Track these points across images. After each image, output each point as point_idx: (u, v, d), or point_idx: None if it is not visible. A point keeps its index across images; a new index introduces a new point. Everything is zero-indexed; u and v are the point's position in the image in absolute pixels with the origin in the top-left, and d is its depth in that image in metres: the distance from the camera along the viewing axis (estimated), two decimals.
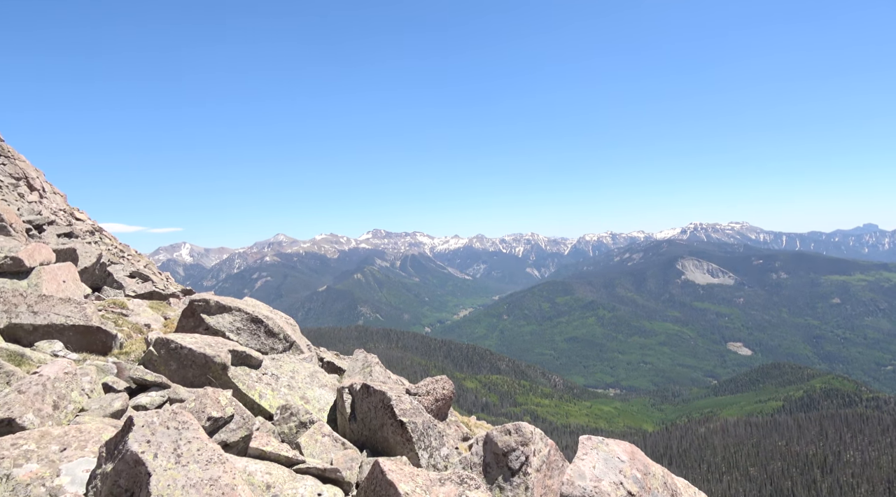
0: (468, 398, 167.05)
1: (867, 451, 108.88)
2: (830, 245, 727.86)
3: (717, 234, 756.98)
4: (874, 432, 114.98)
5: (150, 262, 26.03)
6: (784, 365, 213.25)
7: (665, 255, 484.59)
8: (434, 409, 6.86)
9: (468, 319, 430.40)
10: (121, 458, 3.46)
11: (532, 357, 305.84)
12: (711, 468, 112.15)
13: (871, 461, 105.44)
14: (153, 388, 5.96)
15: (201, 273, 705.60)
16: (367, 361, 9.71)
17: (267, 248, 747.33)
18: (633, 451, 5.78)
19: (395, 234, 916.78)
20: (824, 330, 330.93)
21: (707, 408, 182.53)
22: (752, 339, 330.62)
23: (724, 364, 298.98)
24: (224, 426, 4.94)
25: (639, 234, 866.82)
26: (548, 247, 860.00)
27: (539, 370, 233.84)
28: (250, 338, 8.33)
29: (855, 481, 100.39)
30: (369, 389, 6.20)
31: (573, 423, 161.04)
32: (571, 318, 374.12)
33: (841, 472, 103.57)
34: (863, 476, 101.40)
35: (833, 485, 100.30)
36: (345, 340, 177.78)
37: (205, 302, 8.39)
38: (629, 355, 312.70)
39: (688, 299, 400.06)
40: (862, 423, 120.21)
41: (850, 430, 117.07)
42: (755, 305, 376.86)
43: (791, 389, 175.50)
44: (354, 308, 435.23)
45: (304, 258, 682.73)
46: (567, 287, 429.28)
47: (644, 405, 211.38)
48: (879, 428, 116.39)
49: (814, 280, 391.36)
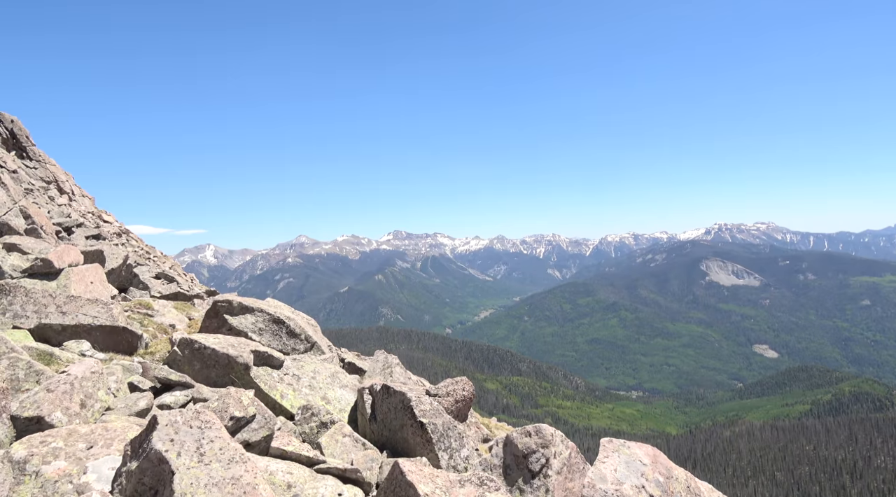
0: (489, 400, 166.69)
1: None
2: (860, 245, 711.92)
3: (743, 235, 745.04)
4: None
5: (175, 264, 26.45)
6: (812, 368, 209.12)
7: (689, 255, 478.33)
8: (454, 410, 6.85)
9: (489, 321, 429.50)
10: (145, 457, 3.51)
11: (553, 358, 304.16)
12: (737, 472, 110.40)
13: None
14: (177, 388, 6.05)
15: (225, 274, 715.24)
16: (387, 362, 9.74)
17: (289, 249, 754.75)
18: (656, 455, 5.71)
19: (415, 235, 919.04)
20: (853, 332, 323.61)
21: (732, 411, 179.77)
22: (778, 341, 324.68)
23: (749, 366, 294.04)
24: (246, 426, 4.99)
25: (662, 234, 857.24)
26: (569, 248, 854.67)
27: (560, 372, 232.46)
28: (272, 338, 8.41)
29: (886, 487, 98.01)
30: (389, 390, 6.22)
31: (595, 426, 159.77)
32: (593, 320, 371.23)
33: (871, 477, 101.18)
34: (894, 482, 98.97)
35: (863, 490, 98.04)
36: (366, 341, 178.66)
37: (228, 303, 8.50)
38: (652, 357, 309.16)
39: (712, 301, 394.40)
40: (893, 427, 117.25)
41: (881, 435, 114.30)
42: (782, 307, 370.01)
43: (819, 393, 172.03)
44: (375, 309, 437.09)
45: (325, 259, 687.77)
46: (589, 288, 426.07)
47: (667, 408, 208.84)
48: None
49: (842, 281, 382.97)
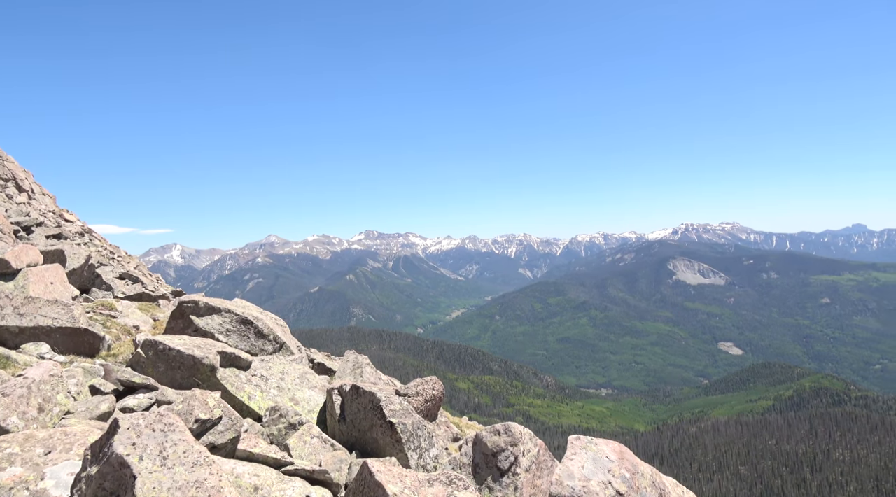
0: (460, 399, 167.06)
1: (856, 449, 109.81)
2: (820, 245, 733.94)
3: (709, 235, 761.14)
4: (863, 431, 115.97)
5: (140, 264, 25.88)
6: (774, 364, 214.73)
7: (656, 255, 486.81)
8: (424, 409, 6.86)
9: (461, 320, 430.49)
10: (106, 461, 3.43)
11: (524, 358, 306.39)
12: (702, 467, 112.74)
13: (859, 459, 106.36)
14: (141, 391, 5.93)
15: (192, 275, 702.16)
16: (357, 362, 9.69)
17: (259, 249, 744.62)
18: (622, 451, 5.80)
19: (387, 234, 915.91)
20: (814, 330, 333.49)
21: (698, 407, 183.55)
22: (742, 338, 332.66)
23: (715, 364, 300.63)
24: (212, 428, 4.91)
25: (630, 234, 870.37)
26: (540, 247, 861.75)
27: (531, 371, 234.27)
28: (240, 339, 8.29)
29: (844, 479, 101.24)
30: (359, 390, 6.19)
31: (565, 424, 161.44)
32: (564, 319, 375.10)
33: (830, 470, 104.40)
34: (852, 474, 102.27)
35: (822, 483, 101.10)
36: (337, 341, 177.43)
37: (194, 303, 8.35)
38: (621, 355, 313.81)
39: (679, 299, 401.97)
40: (851, 421, 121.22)
41: (840, 429, 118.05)
42: (746, 305, 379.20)
43: (781, 389, 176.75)
44: (346, 309, 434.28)
45: (295, 259, 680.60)
46: (559, 288, 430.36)
47: (636, 405, 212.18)
48: (868, 426, 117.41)
49: (804, 280, 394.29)
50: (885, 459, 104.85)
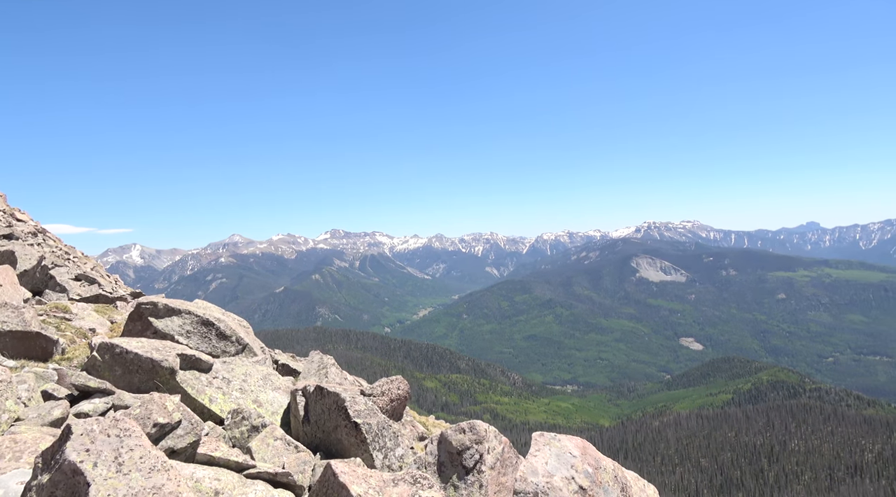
0: (428, 398, 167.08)
1: (810, 439, 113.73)
2: (776, 242, 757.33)
3: (670, 233, 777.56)
4: (816, 421, 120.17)
5: (97, 265, 25.12)
6: (733, 359, 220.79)
7: (620, 253, 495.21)
8: (389, 409, 6.83)
9: (428, 319, 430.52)
10: (58, 469, 3.35)
11: (491, 355, 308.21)
12: (665, 460, 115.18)
13: (813, 449, 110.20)
14: (96, 395, 5.76)
15: (153, 275, 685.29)
16: (322, 363, 9.59)
17: (222, 249, 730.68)
18: (585, 446, 5.89)
19: (353, 234, 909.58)
20: (771, 324, 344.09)
21: (661, 402, 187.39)
22: (703, 334, 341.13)
23: (676, 359, 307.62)
24: (171, 432, 4.81)
25: (595, 232, 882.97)
26: (507, 246, 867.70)
27: (498, 368, 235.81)
28: (201, 341, 8.13)
29: (799, 469, 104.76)
30: (323, 391, 6.13)
31: (532, 420, 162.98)
32: (530, 317, 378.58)
33: (786, 460, 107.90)
34: (806, 464, 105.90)
35: (779, 473, 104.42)
36: (302, 342, 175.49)
37: (153, 305, 8.16)
38: (586, 352, 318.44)
39: (642, 296, 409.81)
40: (805, 413, 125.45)
41: (795, 420, 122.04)
42: (706, 302, 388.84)
43: (740, 382, 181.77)
44: (312, 309, 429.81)
45: (260, 259, 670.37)
46: (526, 286, 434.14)
47: (600, 401, 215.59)
48: (821, 417, 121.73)
49: (761, 276, 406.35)
50: (837, 449, 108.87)
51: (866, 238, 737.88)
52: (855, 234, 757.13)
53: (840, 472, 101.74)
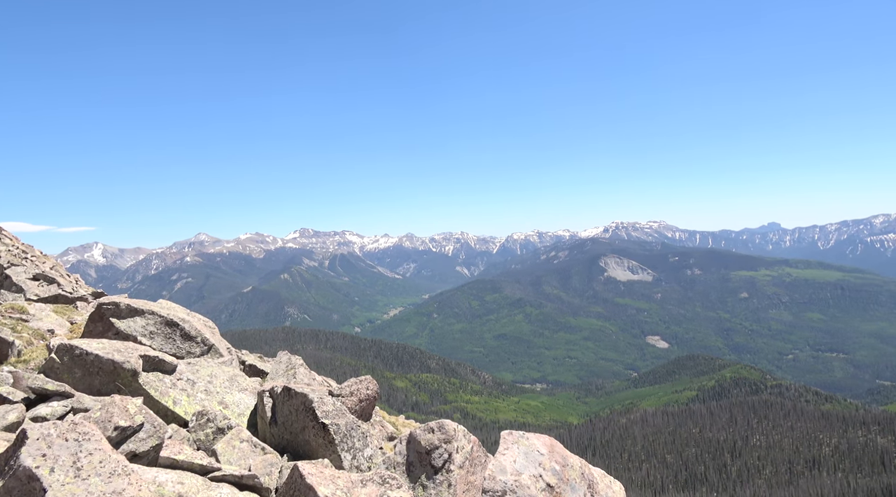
0: (398, 397, 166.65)
1: (771, 434, 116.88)
2: (739, 242, 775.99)
3: (637, 233, 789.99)
4: (777, 417, 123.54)
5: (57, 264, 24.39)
6: (698, 356, 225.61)
7: (589, 253, 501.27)
8: (358, 409, 6.80)
9: (398, 319, 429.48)
10: (12, 475, 3.28)
11: (462, 355, 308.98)
12: (632, 457, 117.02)
13: (774, 444, 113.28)
14: (55, 398, 5.60)
15: (115, 275, 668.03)
16: (291, 363, 9.48)
17: (188, 248, 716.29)
18: (553, 444, 5.95)
19: (323, 233, 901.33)
20: (733, 322, 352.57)
21: (628, 399, 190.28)
22: (668, 332, 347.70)
23: (643, 357, 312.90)
24: (133, 435, 4.70)
25: (564, 232, 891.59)
26: (477, 245, 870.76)
27: (469, 368, 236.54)
28: (165, 342, 7.96)
29: (761, 463, 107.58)
30: (290, 392, 6.07)
31: (502, 419, 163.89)
32: (500, 316, 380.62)
33: (748, 455, 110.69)
34: (767, 458, 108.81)
35: (742, 467, 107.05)
36: (271, 342, 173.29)
37: (115, 305, 7.96)
38: (555, 351, 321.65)
39: (610, 295, 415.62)
40: (767, 408, 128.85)
41: (757, 416, 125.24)
42: (672, 300, 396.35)
43: (704, 379, 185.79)
44: (281, 309, 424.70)
45: (227, 258, 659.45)
46: (496, 285, 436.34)
47: (569, 399, 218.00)
48: (782, 413, 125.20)
49: (724, 276, 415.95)
50: (796, 443, 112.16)
51: (824, 238, 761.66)
52: (814, 234, 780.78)
53: (799, 466, 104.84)
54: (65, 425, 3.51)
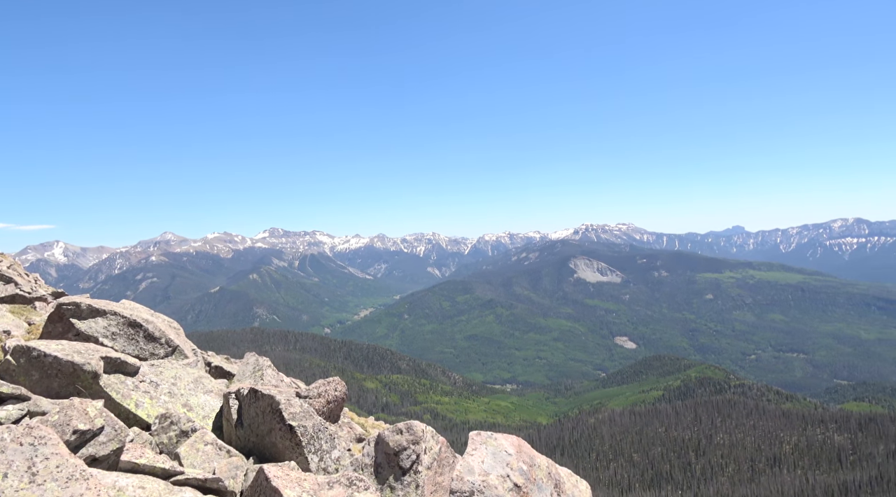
0: (368, 399, 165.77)
1: (734, 433, 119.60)
2: (704, 245, 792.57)
3: (606, 235, 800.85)
4: (740, 416, 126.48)
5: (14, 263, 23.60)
6: (664, 357, 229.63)
7: (559, 254, 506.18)
8: (326, 411, 6.75)
9: (369, 319, 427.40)
10: None
11: (432, 356, 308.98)
12: (600, 456, 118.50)
13: (737, 442, 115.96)
14: (10, 402, 5.42)
15: (77, 274, 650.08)
16: (258, 365, 9.36)
17: (153, 247, 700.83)
18: (520, 444, 5.99)
19: (293, 233, 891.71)
20: (699, 323, 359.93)
21: (596, 399, 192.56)
22: (636, 333, 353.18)
23: (611, 357, 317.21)
24: (92, 439, 4.58)
25: (535, 234, 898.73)
26: (448, 246, 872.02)
27: (439, 368, 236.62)
28: (127, 343, 7.78)
29: (724, 461, 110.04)
30: (257, 394, 5.99)
31: (472, 420, 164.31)
32: (471, 317, 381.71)
33: (712, 453, 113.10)
34: (730, 456, 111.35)
35: (706, 465, 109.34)
36: (238, 343, 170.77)
37: (75, 305, 7.75)
38: (525, 351, 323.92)
39: (580, 297, 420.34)
40: (730, 407, 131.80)
41: (721, 415, 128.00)
42: (639, 302, 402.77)
43: (670, 379, 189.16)
44: (250, 310, 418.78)
45: (194, 258, 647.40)
46: (467, 286, 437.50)
47: (539, 399, 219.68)
48: (744, 412, 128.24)
49: (690, 278, 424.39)
50: (758, 442, 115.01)
51: (786, 242, 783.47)
52: (776, 237, 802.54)
53: (761, 464, 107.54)
54: (20, 429, 3.41)
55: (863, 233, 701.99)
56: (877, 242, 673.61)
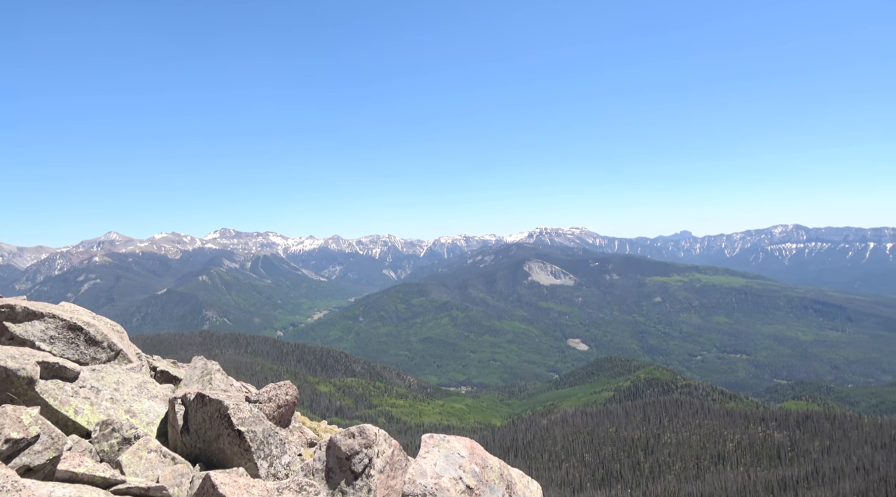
0: (322, 402, 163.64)
1: (681, 432, 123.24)
2: (654, 249, 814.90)
3: (560, 239, 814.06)
4: (686, 415, 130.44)
5: None
6: (615, 358, 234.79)
7: (514, 257, 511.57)
8: (276, 415, 6.63)
9: (323, 322, 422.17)
10: None
11: (388, 358, 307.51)
12: (552, 457, 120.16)
13: (683, 441, 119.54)
14: None
15: (13, 275, 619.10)
16: (206, 369, 9.12)
17: (96, 247, 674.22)
18: (473, 446, 6.02)
19: (245, 233, 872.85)
20: (648, 325, 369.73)
21: (549, 401, 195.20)
22: (588, 335, 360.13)
23: (564, 359, 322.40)
24: (27, 448, 4.37)
25: (491, 237, 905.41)
26: (404, 249, 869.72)
27: (394, 371, 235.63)
28: (67, 347, 7.46)
29: (671, 459, 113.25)
30: (204, 399, 5.84)
31: (427, 422, 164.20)
32: (426, 319, 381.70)
33: (660, 452, 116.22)
34: (677, 454, 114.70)
35: (654, 464, 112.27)
36: (187, 347, 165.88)
37: (9, 307, 7.38)
38: (480, 354, 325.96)
39: (534, 299, 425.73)
40: (677, 407, 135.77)
41: (668, 415, 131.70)
42: (591, 304, 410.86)
43: (621, 380, 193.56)
44: (199, 312, 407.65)
45: (140, 259, 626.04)
46: (422, 288, 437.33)
47: (493, 401, 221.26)
48: (690, 411, 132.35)
49: (640, 281, 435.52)
50: (703, 440, 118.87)
51: (731, 246, 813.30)
52: (721, 242, 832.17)
53: (706, 461, 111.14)
54: None
55: (801, 238, 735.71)
56: (814, 248, 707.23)
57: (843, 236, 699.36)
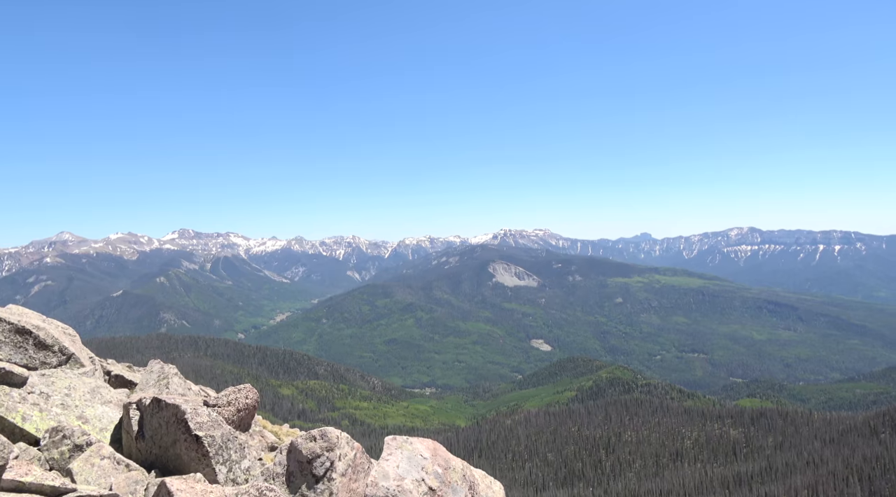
0: (284, 406, 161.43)
1: (641, 430, 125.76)
2: (615, 251, 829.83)
3: (524, 240, 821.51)
4: (646, 414, 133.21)
5: None
6: (578, 359, 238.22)
7: (478, 258, 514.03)
8: (236, 420, 6.51)
9: (285, 324, 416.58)
10: None
11: (351, 360, 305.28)
12: (516, 456, 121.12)
13: (643, 439, 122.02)
14: None
15: None
16: (163, 372, 8.90)
17: (48, 247, 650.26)
18: (436, 448, 6.03)
19: (205, 234, 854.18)
20: (610, 326, 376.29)
21: (513, 401, 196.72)
22: (551, 336, 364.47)
23: (528, 360, 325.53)
24: None
25: (455, 238, 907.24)
26: (369, 250, 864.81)
27: (358, 373, 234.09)
28: (14, 352, 7.18)
29: (632, 457, 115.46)
30: (161, 403, 5.69)
31: (391, 424, 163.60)
32: (391, 321, 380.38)
33: (621, 450, 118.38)
34: (637, 452, 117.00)
35: (615, 462, 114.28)
36: (143, 350, 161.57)
37: None
38: (445, 355, 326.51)
39: (498, 300, 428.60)
40: (637, 406, 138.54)
41: (629, 414, 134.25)
42: (555, 305, 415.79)
43: (583, 380, 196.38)
44: (156, 315, 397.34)
45: (94, 260, 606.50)
46: (387, 290, 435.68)
47: (457, 402, 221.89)
48: (650, 410, 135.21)
49: (602, 282, 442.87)
50: (663, 438, 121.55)
51: (689, 248, 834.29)
52: (680, 244, 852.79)
53: (665, 459, 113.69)
54: None
55: (756, 241, 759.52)
56: (768, 250, 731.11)
57: (794, 239, 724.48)
